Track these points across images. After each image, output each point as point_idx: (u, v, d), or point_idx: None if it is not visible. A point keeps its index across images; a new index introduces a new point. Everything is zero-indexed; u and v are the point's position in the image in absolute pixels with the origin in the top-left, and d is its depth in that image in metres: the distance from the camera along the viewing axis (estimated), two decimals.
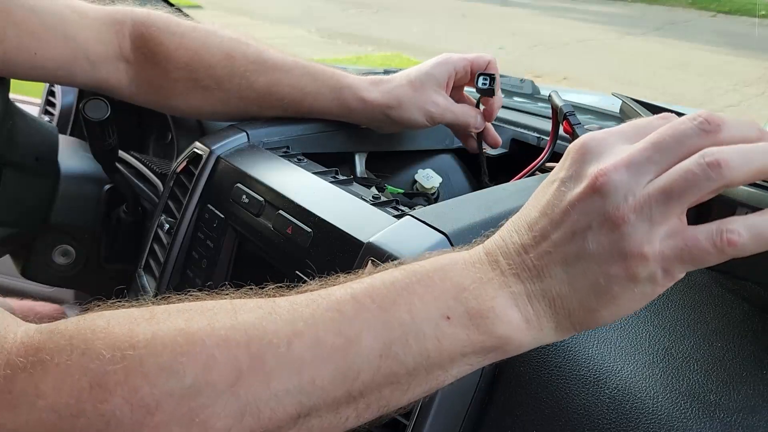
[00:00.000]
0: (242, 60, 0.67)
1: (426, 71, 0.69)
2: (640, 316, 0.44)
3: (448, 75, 0.69)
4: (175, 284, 0.67)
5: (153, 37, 0.67)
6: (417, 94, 0.68)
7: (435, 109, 0.68)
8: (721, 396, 0.37)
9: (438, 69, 0.69)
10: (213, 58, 0.67)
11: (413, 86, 0.68)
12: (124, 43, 0.67)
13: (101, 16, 0.66)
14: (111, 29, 0.66)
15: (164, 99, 0.70)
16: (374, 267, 0.38)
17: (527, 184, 0.57)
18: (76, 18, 0.65)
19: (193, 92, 0.69)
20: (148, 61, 0.67)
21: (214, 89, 0.68)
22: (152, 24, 0.67)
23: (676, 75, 5.08)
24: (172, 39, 0.67)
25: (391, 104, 0.68)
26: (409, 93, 0.68)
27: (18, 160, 0.74)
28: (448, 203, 0.51)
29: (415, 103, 0.68)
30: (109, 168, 0.79)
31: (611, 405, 0.38)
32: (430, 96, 0.68)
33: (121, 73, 0.68)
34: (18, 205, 0.77)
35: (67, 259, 0.84)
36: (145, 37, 0.67)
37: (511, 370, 0.42)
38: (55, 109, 1.13)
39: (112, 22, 0.67)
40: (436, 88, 0.69)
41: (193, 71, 0.67)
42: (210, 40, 0.68)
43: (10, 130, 0.73)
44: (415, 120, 0.69)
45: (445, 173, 0.77)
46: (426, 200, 0.74)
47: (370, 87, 0.69)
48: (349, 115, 0.70)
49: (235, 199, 0.60)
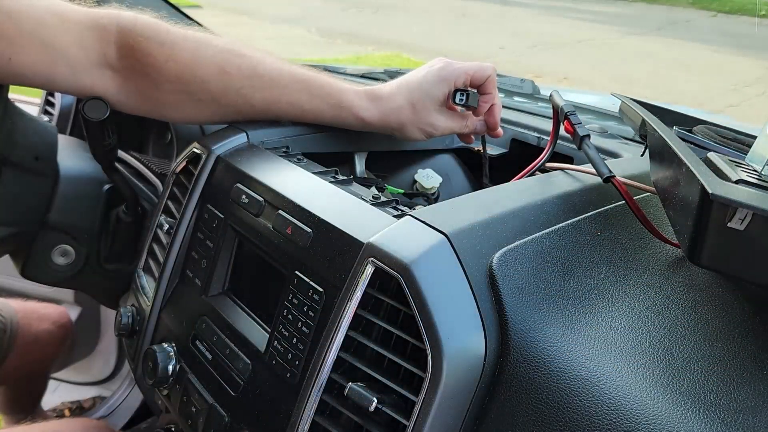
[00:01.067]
0: (237, 75, 0.65)
1: (426, 91, 0.68)
2: (641, 317, 0.44)
3: (448, 90, 0.69)
4: (174, 284, 0.66)
5: (141, 47, 0.63)
6: (417, 116, 0.68)
7: (434, 130, 0.69)
8: (722, 396, 0.37)
9: (438, 87, 0.68)
10: (206, 73, 0.65)
11: (414, 109, 0.68)
12: (108, 51, 0.64)
13: (83, 20, 0.63)
14: (93, 34, 0.63)
15: (156, 109, 0.68)
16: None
17: (527, 184, 0.57)
18: (56, 22, 0.62)
19: (187, 104, 0.67)
20: (137, 71, 0.65)
21: (209, 102, 0.67)
22: (139, 33, 0.64)
23: (676, 75, 5.07)
24: (161, 50, 0.64)
25: (392, 126, 0.68)
26: (410, 115, 0.68)
27: (17, 160, 0.74)
28: (448, 203, 0.51)
29: (415, 124, 0.68)
30: (108, 168, 0.79)
31: (611, 405, 0.38)
32: (430, 117, 0.68)
33: (108, 81, 0.65)
34: (17, 204, 0.77)
35: (67, 259, 0.83)
36: (132, 47, 0.64)
37: (511, 370, 0.42)
38: (54, 109, 1.13)
39: (95, 26, 0.63)
40: (437, 107, 0.69)
41: (186, 85, 0.65)
42: (201, 52, 0.65)
43: (9, 130, 0.73)
44: (415, 138, 0.70)
45: (445, 173, 0.77)
46: (426, 200, 0.73)
47: (369, 105, 0.68)
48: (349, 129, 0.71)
49: (235, 199, 0.60)
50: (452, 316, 0.42)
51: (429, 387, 0.41)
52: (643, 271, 0.49)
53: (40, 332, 1.05)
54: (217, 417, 0.56)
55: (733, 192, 0.37)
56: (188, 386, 0.60)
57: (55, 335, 1.09)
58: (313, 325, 0.49)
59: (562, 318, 0.43)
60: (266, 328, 0.56)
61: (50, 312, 1.10)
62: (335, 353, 0.46)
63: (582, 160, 0.73)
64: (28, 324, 1.02)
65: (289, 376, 0.50)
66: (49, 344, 1.08)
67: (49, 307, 1.13)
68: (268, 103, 0.67)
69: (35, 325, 1.04)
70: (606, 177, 0.52)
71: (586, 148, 0.56)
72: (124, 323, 0.69)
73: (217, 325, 0.60)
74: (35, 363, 1.08)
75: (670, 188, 0.46)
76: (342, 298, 0.47)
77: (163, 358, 0.62)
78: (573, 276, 0.47)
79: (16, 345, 0.98)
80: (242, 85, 0.65)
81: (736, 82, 4.82)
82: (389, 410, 0.42)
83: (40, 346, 1.06)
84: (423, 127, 0.69)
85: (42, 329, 1.05)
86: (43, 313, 1.08)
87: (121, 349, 1.37)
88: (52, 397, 1.23)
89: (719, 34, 6.54)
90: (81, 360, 1.40)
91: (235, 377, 0.56)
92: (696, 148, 0.57)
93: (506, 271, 0.45)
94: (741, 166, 0.47)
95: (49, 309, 1.11)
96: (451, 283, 0.43)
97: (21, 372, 1.04)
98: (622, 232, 0.53)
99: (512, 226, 0.48)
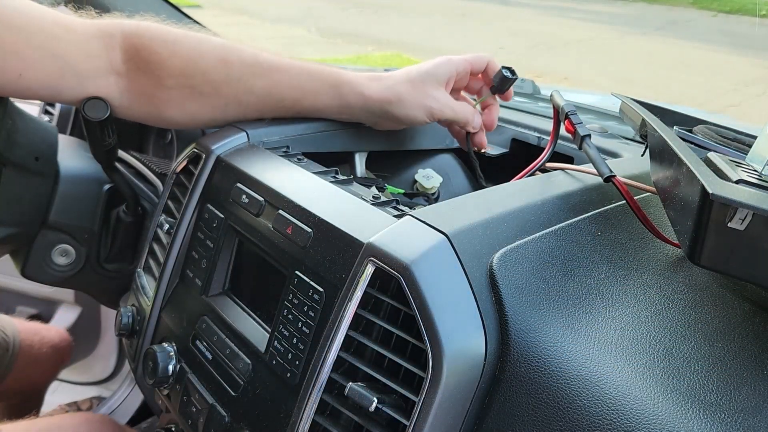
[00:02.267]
0: (238, 64, 0.66)
1: (426, 70, 0.69)
2: (641, 316, 0.44)
3: (449, 75, 0.69)
4: (174, 284, 0.66)
5: (145, 46, 0.65)
6: (417, 90, 0.68)
7: (435, 105, 0.68)
8: (722, 396, 0.37)
9: (439, 69, 0.69)
10: (208, 64, 0.66)
11: (413, 83, 0.68)
12: (114, 56, 0.65)
13: (89, 29, 0.64)
14: (100, 42, 0.64)
15: (158, 110, 0.69)
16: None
17: (527, 184, 0.57)
18: (64, 34, 0.62)
19: (189, 100, 0.67)
20: (141, 71, 0.66)
21: (211, 95, 0.67)
22: (143, 34, 0.65)
23: (676, 75, 5.07)
24: (164, 46, 0.65)
25: (390, 99, 0.68)
26: (409, 89, 0.68)
27: (17, 160, 0.74)
28: (448, 203, 0.51)
29: (414, 98, 0.68)
30: (108, 168, 0.79)
31: (612, 405, 0.37)
32: (430, 92, 0.68)
33: (112, 87, 0.66)
34: (17, 204, 0.77)
35: (67, 259, 0.83)
36: (137, 47, 0.65)
37: (512, 370, 0.42)
38: (54, 108, 1.13)
39: (101, 35, 0.64)
40: (436, 86, 0.69)
41: (189, 78, 0.66)
42: (203, 46, 0.66)
43: (9, 130, 0.73)
44: (414, 116, 0.69)
45: (445, 173, 0.77)
46: (426, 200, 0.73)
47: (370, 83, 0.68)
48: (349, 112, 0.70)
49: (235, 199, 0.60)
50: (452, 316, 0.42)
51: (429, 387, 0.41)
52: (643, 270, 0.49)
53: (40, 355, 1.05)
54: (217, 417, 0.56)
55: (733, 192, 0.37)
56: (188, 386, 0.60)
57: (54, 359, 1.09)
58: (314, 324, 0.49)
59: (562, 318, 0.43)
60: (266, 328, 0.56)
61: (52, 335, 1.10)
62: (335, 353, 0.46)
63: (582, 160, 0.73)
64: (30, 345, 1.03)
65: (290, 375, 0.50)
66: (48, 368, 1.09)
67: (51, 329, 1.13)
68: (269, 88, 0.67)
69: (36, 346, 1.04)
70: (607, 177, 0.52)
71: (587, 148, 0.56)
72: (125, 323, 0.69)
73: (218, 324, 0.60)
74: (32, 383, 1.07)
75: (670, 188, 0.46)
76: (342, 297, 0.47)
77: (163, 358, 0.62)
78: (573, 276, 0.47)
79: (16, 365, 0.98)
80: (243, 73, 0.66)
81: (736, 82, 4.82)
82: (389, 410, 0.42)
83: (39, 368, 1.06)
84: (422, 101, 0.68)
85: (42, 352, 1.05)
86: (45, 335, 1.08)
87: (121, 349, 1.37)
88: (53, 397, 1.23)
89: (719, 34, 6.54)
90: (81, 360, 1.40)
91: (235, 377, 0.56)
92: (696, 148, 0.57)
93: (506, 271, 0.45)
94: (741, 166, 0.47)
95: (51, 332, 1.11)
96: (451, 283, 0.43)
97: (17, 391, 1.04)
98: (623, 232, 0.53)
99: (512, 226, 0.48)
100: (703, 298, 0.46)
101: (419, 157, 0.79)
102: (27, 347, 1.01)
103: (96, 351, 1.42)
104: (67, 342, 1.12)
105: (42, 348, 1.05)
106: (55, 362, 1.10)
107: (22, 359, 1.00)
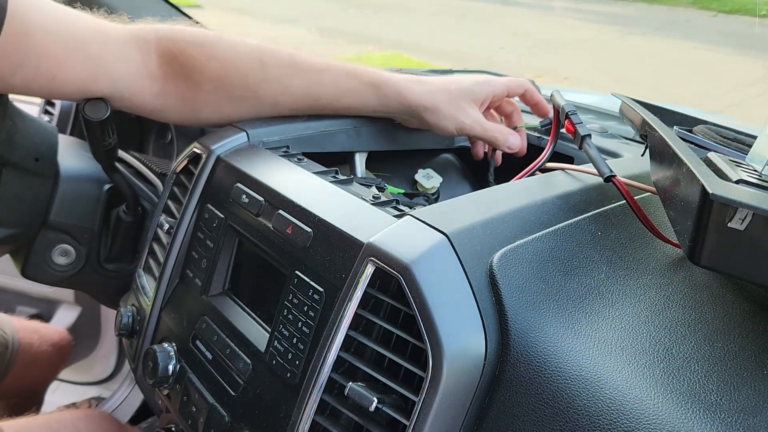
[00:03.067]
0: (275, 65, 0.67)
1: (466, 87, 0.69)
2: (641, 316, 0.44)
3: (486, 96, 0.70)
4: (174, 284, 0.66)
5: (182, 51, 0.65)
6: (453, 103, 0.69)
7: (467, 120, 0.69)
8: (722, 396, 0.37)
9: (478, 87, 0.70)
10: (246, 66, 0.66)
11: (451, 95, 0.69)
12: (149, 60, 0.65)
13: (123, 34, 0.65)
14: (135, 46, 0.65)
15: (194, 113, 0.69)
16: None
17: (528, 184, 0.57)
18: (99, 38, 0.63)
19: (225, 102, 0.68)
20: (179, 76, 0.66)
21: (248, 97, 0.67)
22: (179, 38, 0.65)
23: (676, 75, 5.07)
24: (201, 51, 0.65)
25: (427, 106, 0.69)
26: (446, 100, 0.69)
27: (18, 160, 0.74)
28: (448, 203, 0.51)
29: (449, 110, 0.69)
30: (108, 168, 0.79)
31: (612, 405, 0.37)
32: (465, 108, 0.69)
33: (146, 90, 0.66)
34: (18, 204, 0.77)
35: (67, 259, 0.83)
36: (174, 53, 0.65)
37: (512, 370, 0.42)
38: (54, 108, 1.13)
39: (135, 39, 0.65)
40: (472, 104, 0.70)
41: (227, 81, 0.66)
42: (240, 48, 0.67)
43: (9, 130, 0.73)
44: (445, 126, 0.70)
45: (445, 173, 0.77)
46: (426, 200, 0.73)
47: (410, 85, 0.69)
48: (386, 110, 0.71)
49: (235, 199, 0.60)
50: (452, 316, 0.42)
51: (429, 387, 0.41)
52: (643, 270, 0.49)
53: (40, 353, 1.04)
54: (217, 417, 0.56)
55: (733, 192, 0.37)
56: (188, 386, 0.60)
57: (53, 358, 1.09)
58: (314, 324, 0.49)
59: (562, 318, 0.43)
60: (266, 328, 0.56)
61: (51, 334, 1.10)
62: (335, 353, 0.46)
63: (582, 159, 0.73)
64: (30, 344, 1.02)
65: (290, 375, 0.50)
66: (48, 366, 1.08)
67: (50, 328, 1.13)
68: (306, 88, 0.68)
69: (36, 345, 1.04)
70: (607, 176, 0.52)
71: (588, 148, 0.56)
72: (125, 323, 0.69)
73: (218, 324, 0.60)
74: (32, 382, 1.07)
75: (670, 188, 0.46)
76: (342, 297, 0.47)
77: (164, 358, 0.62)
78: (573, 276, 0.47)
79: (16, 363, 0.98)
80: (280, 74, 0.67)
81: (736, 82, 4.82)
82: (389, 410, 0.42)
83: (39, 367, 1.06)
84: (455, 115, 0.69)
85: (42, 350, 1.05)
86: (45, 334, 1.08)
87: (121, 349, 1.37)
88: (53, 397, 1.23)
89: (719, 34, 6.53)
90: (81, 360, 1.40)
91: (235, 377, 0.56)
92: (696, 148, 0.57)
93: (506, 271, 0.45)
94: (741, 166, 0.47)
95: (51, 331, 1.11)
96: (451, 283, 0.43)
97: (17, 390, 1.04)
98: (623, 232, 0.53)
99: (512, 226, 0.48)
100: (703, 298, 0.46)
101: (419, 157, 0.79)
102: (26, 346, 1.01)
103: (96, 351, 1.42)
104: (66, 341, 1.12)
105: (42, 346, 1.05)
106: (55, 361, 1.09)
107: (22, 358, 1.00)
